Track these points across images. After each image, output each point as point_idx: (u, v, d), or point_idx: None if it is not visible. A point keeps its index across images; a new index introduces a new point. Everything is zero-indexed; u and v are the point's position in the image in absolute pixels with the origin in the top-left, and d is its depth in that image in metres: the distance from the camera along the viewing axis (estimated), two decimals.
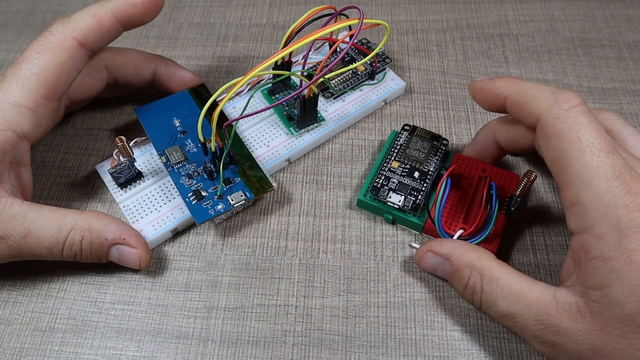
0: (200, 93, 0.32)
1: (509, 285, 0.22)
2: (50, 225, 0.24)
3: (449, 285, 0.25)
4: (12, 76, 0.25)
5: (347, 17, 0.28)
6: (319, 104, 0.32)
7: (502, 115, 0.27)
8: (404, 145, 0.30)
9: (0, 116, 0.24)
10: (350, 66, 0.29)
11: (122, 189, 0.29)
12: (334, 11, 0.29)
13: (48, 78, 0.25)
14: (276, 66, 0.30)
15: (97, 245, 0.25)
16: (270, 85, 0.32)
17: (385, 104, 0.34)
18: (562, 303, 0.20)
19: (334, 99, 0.33)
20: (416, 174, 0.28)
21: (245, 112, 0.27)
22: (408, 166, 0.29)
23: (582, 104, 0.21)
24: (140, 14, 0.27)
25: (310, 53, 0.31)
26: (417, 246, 0.27)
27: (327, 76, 0.31)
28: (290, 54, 0.29)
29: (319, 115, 0.31)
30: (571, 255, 0.22)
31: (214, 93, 0.25)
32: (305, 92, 0.28)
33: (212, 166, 0.28)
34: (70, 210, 0.25)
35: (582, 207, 0.20)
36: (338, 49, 0.34)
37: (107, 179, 0.29)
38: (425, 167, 0.29)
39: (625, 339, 0.19)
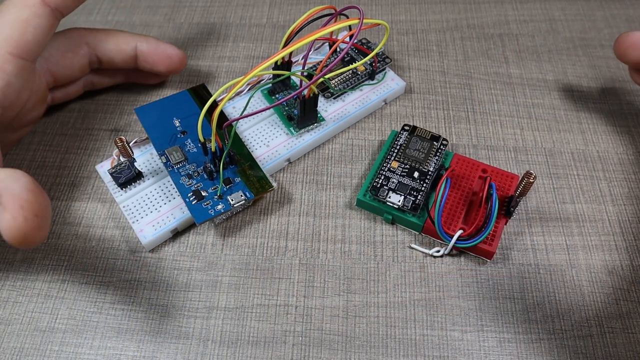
0: (200, 93, 0.32)
1: None
2: None
3: None
4: None
5: (347, 17, 0.28)
6: (319, 104, 0.32)
7: None
8: (404, 145, 0.30)
9: None
10: (350, 66, 0.29)
11: (122, 189, 0.29)
12: (334, 11, 0.29)
13: (12, 34, 0.25)
14: (276, 66, 0.30)
15: None
16: (270, 85, 0.32)
17: (385, 104, 0.34)
18: None
19: (334, 99, 0.33)
20: (416, 174, 0.28)
21: (245, 112, 0.27)
22: (408, 166, 0.29)
23: None
24: None
25: (310, 53, 0.31)
26: (417, 247, 0.27)
27: (327, 76, 0.31)
28: (290, 54, 0.29)
29: (319, 115, 0.31)
30: None
31: (214, 93, 0.25)
32: (305, 92, 0.28)
33: (212, 166, 0.28)
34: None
35: None
36: (338, 49, 0.34)
37: (107, 179, 0.29)
38: (425, 167, 0.29)
39: None
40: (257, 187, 0.28)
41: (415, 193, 0.28)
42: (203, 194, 0.27)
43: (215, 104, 0.26)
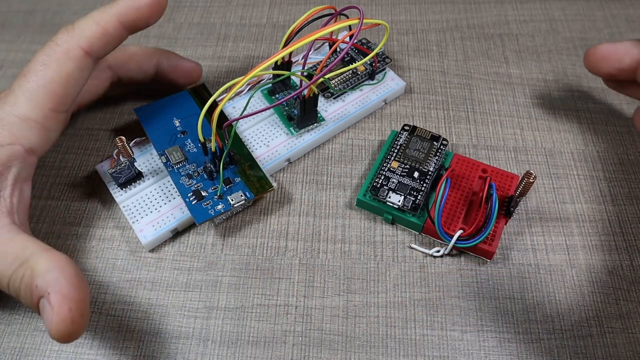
0: (200, 93, 0.32)
1: None
2: (11, 254, 0.22)
3: None
4: (18, 89, 0.24)
5: (347, 17, 0.28)
6: (319, 104, 0.32)
7: None
8: (404, 145, 0.30)
9: (8, 130, 0.23)
10: (350, 66, 0.29)
11: (122, 189, 0.29)
12: (334, 11, 0.29)
13: (55, 90, 0.24)
14: (276, 66, 0.30)
15: (28, 290, 0.21)
16: (270, 85, 0.32)
17: (385, 104, 0.34)
18: None
19: (334, 99, 0.33)
20: (416, 174, 0.28)
21: (245, 112, 0.27)
22: (408, 166, 0.29)
23: None
24: (144, 17, 0.26)
25: (310, 53, 0.31)
26: (417, 247, 0.27)
27: (327, 76, 0.31)
28: (290, 54, 0.29)
29: (319, 115, 0.31)
30: None
31: (214, 93, 0.25)
32: (305, 92, 0.28)
33: (212, 166, 0.28)
34: (40, 244, 0.22)
35: None
36: (338, 49, 0.34)
37: (107, 179, 0.29)
38: (425, 167, 0.29)
39: None
40: (257, 187, 0.28)
41: (415, 193, 0.28)
42: (203, 194, 0.27)
43: (215, 104, 0.26)
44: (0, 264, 0.21)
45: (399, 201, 0.27)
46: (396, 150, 0.29)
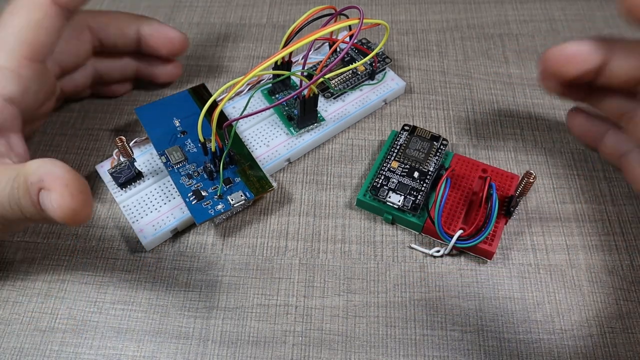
0: (200, 93, 0.32)
1: None
2: (2, 179, 0.22)
3: None
4: None
5: (347, 17, 0.28)
6: (319, 104, 0.32)
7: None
8: (404, 145, 0.30)
9: None
10: (350, 66, 0.29)
11: (122, 189, 0.29)
12: (334, 11, 0.29)
13: (26, 38, 0.24)
14: (276, 66, 0.30)
15: (26, 195, 0.21)
16: (270, 85, 0.32)
17: (385, 104, 0.34)
18: None
19: (334, 99, 0.33)
20: (416, 174, 0.28)
21: (245, 112, 0.27)
22: (408, 166, 0.29)
23: None
24: None
25: (310, 53, 0.31)
26: (417, 247, 0.27)
27: (327, 76, 0.31)
28: (290, 54, 0.29)
29: (319, 115, 0.31)
30: None
31: (214, 93, 0.25)
32: (305, 92, 0.28)
33: (212, 166, 0.28)
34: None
35: None
36: (338, 49, 0.34)
37: (107, 179, 0.29)
38: (425, 167, 0.29)
39: None
40: (257, 187, 0.28)
41: (415, 193, 0.28)
42: (203, 194, 0.27)
43: (215, 104, 0.26)
44: None
45: (399, 201, 0.27)
46: (396, 150, 0.29)
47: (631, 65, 0.22)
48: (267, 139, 0.31)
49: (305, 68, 0.29)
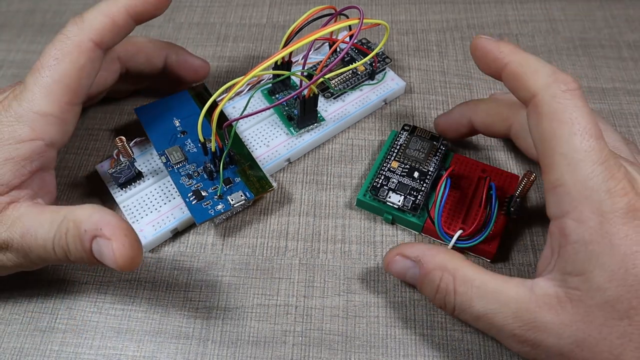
0: (200, 93, 0.32)
1: (484, 284, 0.21)
2: (45, 221, 0.23)
3: (419, 291, 0.24)
4: (33, 85, 0.24)
5: (347, 17, 0.28)
6: (319, 104, 0.32)
7: (482, 99, 0.29)
8: (404, 145, 0.30)
9: (29, 126, 0.24)
10: (350, 66, 0.29)
11: (122, 189, 0.29)
12: (334, 11, 0.29)
13: (70, 84, 0.25)
14: (276, 66, 0.30)
15: (77, 238, 0.22)
16: (270, 85, 0.32)
17: (385, 104, 0.34)
18: (541, 295, 0.20)
19: (334, 99, 0.33)
20: (416, 174, 0.28)
21: (245, 112, 0.27)
22: (408, 166, 0.29)
23: (579, 89, 0.21)
24: (152, 7, 0.26)
25: (310, 53, 0.31)
26: None
27: (327, 76, 0.31)
28: (290, 54, 0.29)
29: (319, 115, 0.31)
30: (549, 243, 0.22)
31: (214, 93, 0.25)
32: (305, 92, 0.28)
33: (212, 166, 0.28)
34: (70, 206, 0.23)
35: (565, 189, 0.20)
36: (338, 49, 0.34)
37: (107, 179, 0.29)
38: (425, 167, 0.29)
39: (607, 327, 0.19)
40: (257, 187, 0.28)
41: (415, 193, 0.28)
42: (203, 194, 0.27)
43: (215, 104, 0.26)
44: (40, 233, 0.22)
45: (399, 201, 0.27)
46: (396, 150, 0.29)
47: (483, 120, 0.28)
48: (267, 139, 0.31)
49: (305, 68, 0.29)
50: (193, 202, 0.27)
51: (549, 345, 0.20)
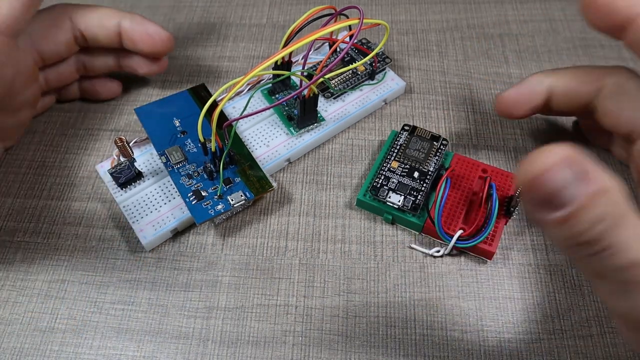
0: (200, 93, 0.32)
1: None
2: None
3: (555, 217, 0.17)
4: None
5: (347, 17, 0.28)
6: (319, 104, 0.32)
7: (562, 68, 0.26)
8: (404, 145, 0.30)
9: None
10: (350, 66, 0.29)
11: (122, 189, 0.29)
12: (334, 11, 0.29)
13: None
14: (276, 66, 0.30)
15: None
16: (270, 85, 0.32)
17: (385, 104, 0.34)
18: None
19: (334, 99, 0.33)
20: (416, 174, 0.28)
21: (245, 112, 0.27)
22: (408, 166, 0.29)
23: None
24: None
25: (310, 53, 0.31)
26: (417, 247, 0.27)
27: (327, 76, 0.31)
28: (290, 54, 0.29)
29: (319, 115, 0.31)
30: None
31: (214, 93, 0.25)
32: (305, 92, 0.28)
33: (212, 166, 0.28)
34: None
35: None
36: (338, 49, 0.34)
37: (107, 179, 0.29)
38: (425, 167, 0.29)
39: None
40: (257, 187, 0.28)
41: (415, 193, 0.28)
42: (203, 194, 0.27)
43: (215, 104, 0.26)
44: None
45: (399, 201, 0.27)
46: (396, 150, 0.29)
47: (566, 84, 0.25)
48: (267, 139, 0.31)
49: (305, 68, 0.29)
50: (193, 202, 0.27)
51: None
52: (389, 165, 0.29)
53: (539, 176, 0.17)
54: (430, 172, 0.28)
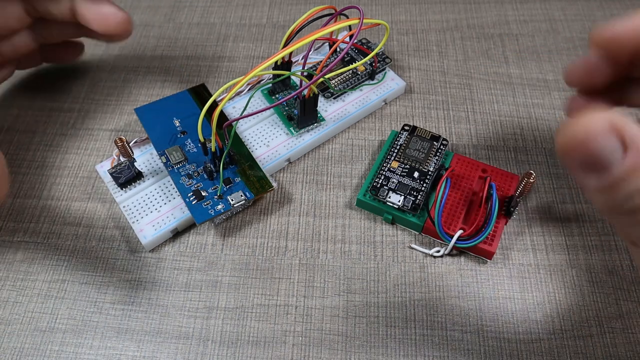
0: (200, 93, 0.32)
1: None
2: None
3: (597, 184, 0.17)
4: None
5: (347, 17, 0.28)
6: (319, 104, 0.32)
7: None
8: (404, 145, 0.30)
9: None
10: (350, 66, 0.29)
11: (122, 189, 0.29)
12: (334, 11, 0.29)
13: None
14: (276, 66, 0.30)
15: None
16: (270, 85, 0.32)
17: (385, 104, 0.34)
18: None
19: (334, 99, 0.33)
20: (416, 174, 0.28)
21: (245, 112, 0.27)
22: (408, 166, 0.29)
23: None
24: None
25: (310, 53, 0.31)
26: (417, 247, 0.27)
27: (327, 76, 0.31)
28: (290, 54, 0.29)
29: (319, 115, 0.31)
30: None
31: (214, 93, 0.25)
32: (305, 92, 0.28)
33: (212, 166, 0.28)
34: None
35: None
36: (338, 49, 0.34)
37: (107, 179, 0.29)
38: (425, 167, 0.29)
39: None
40: (257, 187, 0.28)
41: (415, 193, 0.28)
42: (203, 194, 0.27)
43: (215, 104, 0.26)
44: None
45: (399, 201, 0.27)
46: (396, 150, 0.29)
47: None
48: (267, 139, 0.31)
49: (305, 68, 0.29)
50: (193, 202, 0.27)
51: None
52: (389, 165, 0.29)
53: (583, 141, 0.16)
54: (430, 172, 0.28)
